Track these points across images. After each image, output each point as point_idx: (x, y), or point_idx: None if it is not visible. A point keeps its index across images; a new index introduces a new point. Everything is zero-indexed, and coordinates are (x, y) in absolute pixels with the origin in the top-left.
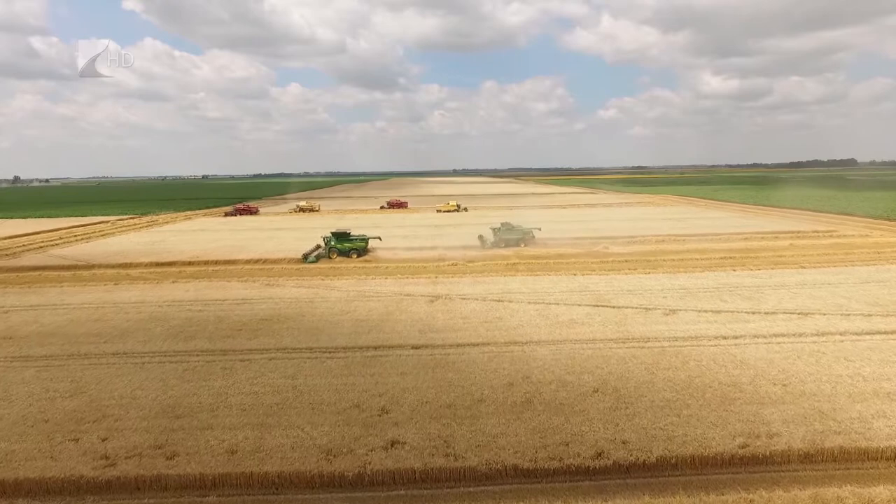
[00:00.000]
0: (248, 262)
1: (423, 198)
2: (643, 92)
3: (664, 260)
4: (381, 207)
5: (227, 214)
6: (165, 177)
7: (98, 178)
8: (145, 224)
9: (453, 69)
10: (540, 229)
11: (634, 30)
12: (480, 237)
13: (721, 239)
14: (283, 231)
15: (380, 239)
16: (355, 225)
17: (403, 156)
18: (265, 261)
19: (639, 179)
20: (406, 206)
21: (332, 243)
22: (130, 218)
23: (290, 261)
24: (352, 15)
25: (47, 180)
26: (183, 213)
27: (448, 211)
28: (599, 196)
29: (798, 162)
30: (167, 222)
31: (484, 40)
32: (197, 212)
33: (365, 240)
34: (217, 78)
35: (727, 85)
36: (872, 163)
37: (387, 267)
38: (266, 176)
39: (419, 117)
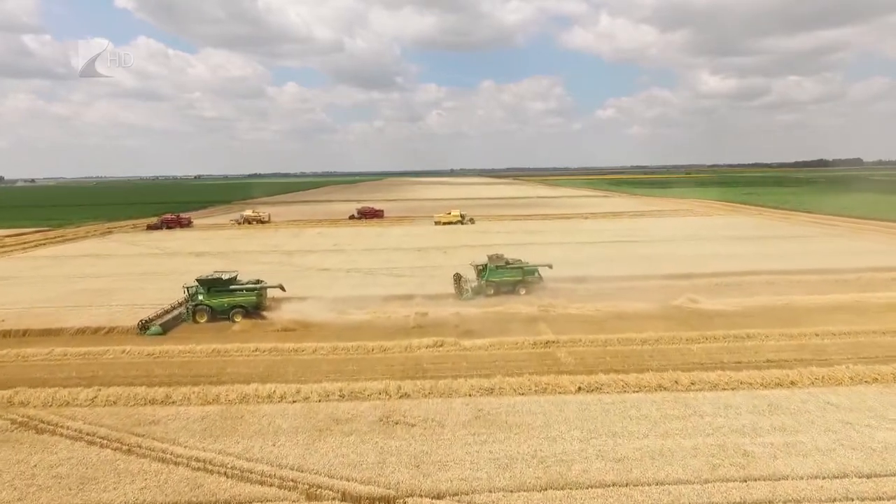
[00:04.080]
0: (76, 332)
1: (414, 203)
2: (641, 91)
3: (822, 337)
4: (351, 217)
5: (150, 227)
6: (158, 177)
7: (94, 178)
8: (36, 243)
9: (451, 68)
10: (551, 266)
11: (633, 29)
12: (456, 279)
13: (863, 280)
14: (200, 258)
15: (282, 289)
16: (310, 245)
17: (402, 155)
18: (108, 330)
19: (647, 180)
20: (382, 216)
21: (200, 298)
22: (36, 231)
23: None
24: (348, 13)
25: (33, 180)
26: (106, 226)
27: (449, 223)
28: (616, 201)
29: (802, 161)
30: (70, 239)
31: (482, 39)
32: (127, 222)
33: (256, 291)
34: (213, 77)
35: (725, 84)
36: (879, 162)
37: (314, 351)
38: (263, 176)
39: (417, 117)
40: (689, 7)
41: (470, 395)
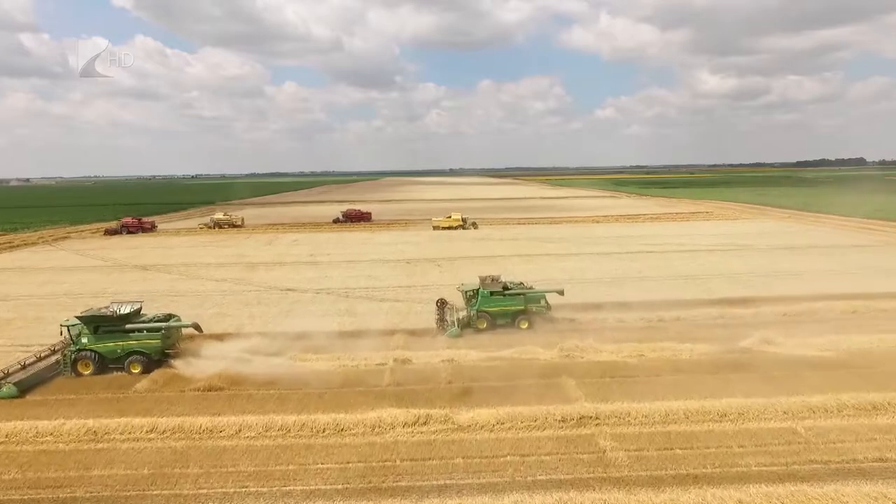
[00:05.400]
0: None
1: (411, 205)
2: (641, 91)
3: None
4: (336, 221)
5: (108, 233)
6: (154, 176)
7: (92, 177)
8: None
9: (450, 67)
10: (562, 292)
11: (632, 28)
12: (440, 307)
13: None
14: (144, 272)
15: (198, 329)
16: (281, 255)
17: (400, 155)
18: None
19: (651, 180)
20: (369, 219)
21: (84, 342)
22: None
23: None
24: (347, 12)
25: (28, 179)
26: (66, 230)
27: (449, 227)
28: (627, 202)
29: (804, 161)
30: (16, 247)
31: (481, 38)
32: (92, 225)
33: (163, 330)
34: (211, 76)
35: (725, 84)
36: (882, 162)
37: (236, 433)
38: (261, 175)
39: (416, 116)
40: (689, 6)
41: None
